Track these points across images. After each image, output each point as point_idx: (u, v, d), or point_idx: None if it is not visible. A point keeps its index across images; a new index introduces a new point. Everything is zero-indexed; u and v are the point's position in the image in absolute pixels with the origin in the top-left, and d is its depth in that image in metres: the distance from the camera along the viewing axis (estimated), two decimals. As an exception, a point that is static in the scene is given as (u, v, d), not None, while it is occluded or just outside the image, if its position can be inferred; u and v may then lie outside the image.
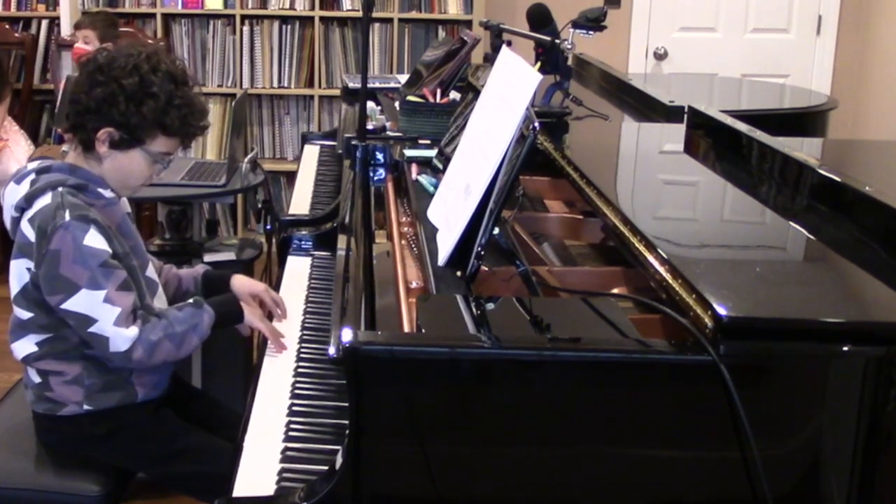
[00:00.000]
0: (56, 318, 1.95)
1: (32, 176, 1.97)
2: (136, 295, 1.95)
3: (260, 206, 2.98)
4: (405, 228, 2.08)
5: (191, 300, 2.04)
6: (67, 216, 1.88)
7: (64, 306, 1.90)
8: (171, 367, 2.13)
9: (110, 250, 1.92)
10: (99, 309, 1.89)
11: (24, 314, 1.98)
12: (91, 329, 1.90)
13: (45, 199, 1.92)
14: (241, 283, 2.22)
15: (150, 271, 2.09)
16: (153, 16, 5.14)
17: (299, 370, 1.92)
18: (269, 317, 2.16)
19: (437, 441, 1.35)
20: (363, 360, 1.33)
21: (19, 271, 1.96)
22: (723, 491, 1.37)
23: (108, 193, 2.00)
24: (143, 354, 1.92)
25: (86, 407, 2.01)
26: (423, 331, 1.44)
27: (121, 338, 1.90)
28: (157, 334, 1.93)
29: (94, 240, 1.89)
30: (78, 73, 2.01)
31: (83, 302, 1.89)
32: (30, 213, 1.93)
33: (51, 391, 2.01)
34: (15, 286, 1.98)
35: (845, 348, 1.32)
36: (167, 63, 1.98)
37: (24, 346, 2.00)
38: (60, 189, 1.93)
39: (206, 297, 2.20)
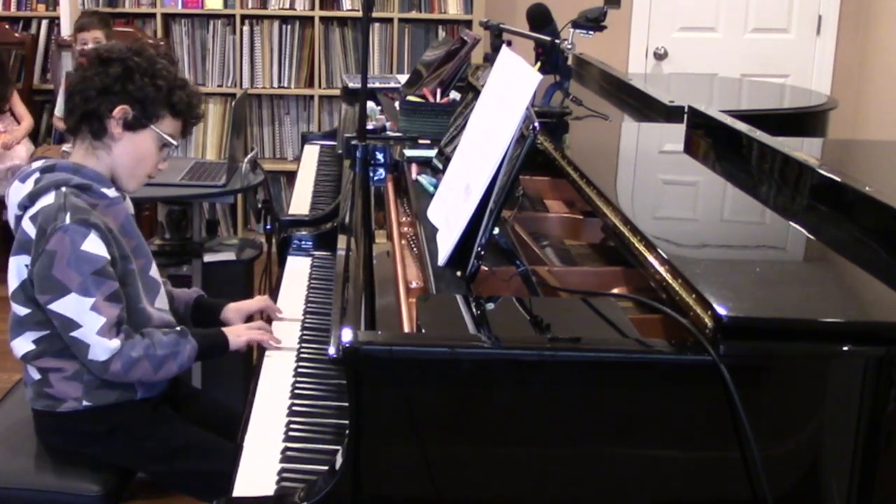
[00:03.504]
0: None
1: (37, 174, 1.98)
2: (124, 307, 1.96)
3: (260, 206, 2.98)
4: (405, 228, 2.08)
5: (177, 328, 2.06)
6: (68, 219, 1.89)
7: (51, 307, 1.91)
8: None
9: (108, 256, 1.92)
10: (85, 315, 1.89)
11: (22, 310, 1.99)
12: (73, 333, 1.91)
13: (48, 199, 1.93)
14: (232, 312, 2.23)
15: (154, 271, 2.10)
16: (153, 16, 5.14)
17: (299, 370, 1.92)
18: (269, 321, 2.17)
19: (437, 441, 1.35)
20: (363, 360, 1.33)
21: (18, 267, 1.97)
22: (723, 491, 1.37)
23: (111, 193, 2.01)
24: (121, 368, 1.93)
25: (85, 403, 2.01)
26: (423, 331, 1.44)
27: (101, 347, 1.91)
28: (137, 352, 1.94)
29: (93, 245, 1.90)
30: (80, 67, 2.04)
31: (70, 306, 1.89)
32: (32, 211, 1.94)
33: (50, 387, 2.01)
34: (13, 282, 1.98)
35: (845, 348, 1.32)
36: (164, 50, 2.07)
37: (22, 345, 2.01)
38: (64, 189, 1.93)
39: (195, 321, 2.22)
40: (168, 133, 2.04)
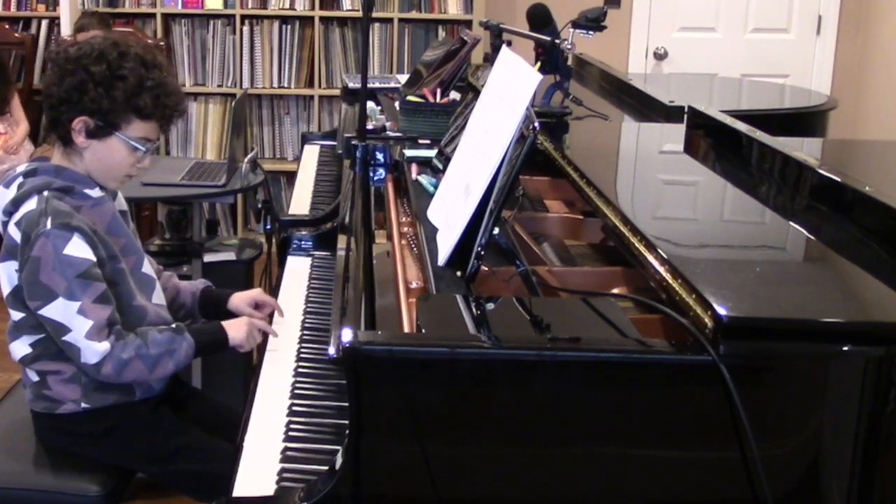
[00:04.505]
0: None
1: (20, 179, 1.97)
2: (114, 308, 1.94)
3: (260, 206, 2.98)
4: (405, 228, 2.08)
5: (173, 325, 2.03)
6: (49, 224, 1.87)
7: (41, 312, 1.90)
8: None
9: (94, 258, 1.91)
10: (73, 319, 1.89)
11: (17, 315, 1.99)
12: (65, 337, 1.90)
13: (31, 204, 1.92)
14: (239, 299, 2.22)
15: (146, 268, 2.08)
16: (153, 16, 5.14)
17: (299, 370, 1.92)
18: (271, 315, 2.18)
19: (436, 441, 1.35)
20: (363, 360, 1.33)
21: (9, 273, 1.96)
22: (723, 491, 1.37)
23: (94, 193, 1.99)
24: (112, 371, 1.92)
25: (84, 405, 2.01)
26: (423, 331, 1.44)
27: (91, 351, 1.90)
28: (128, 353, 1.92)
29: (76, 248, 1.88)
30: (49, 69, 2.01)
31: (59, 310, 1.89)
32: (16, 217, 1.93)
33: (49, 389, 2.01)
34: (6, 288, 1.98)
35: (845, 348, 1.32)
36: (136, 48, 1.99)
37: (20, 348, 2.01)
38: (46, 193, 1.92)
39: (203, 312, 2.21)
40: (139, 136, 1.98)
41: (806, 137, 3.10)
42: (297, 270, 2.45)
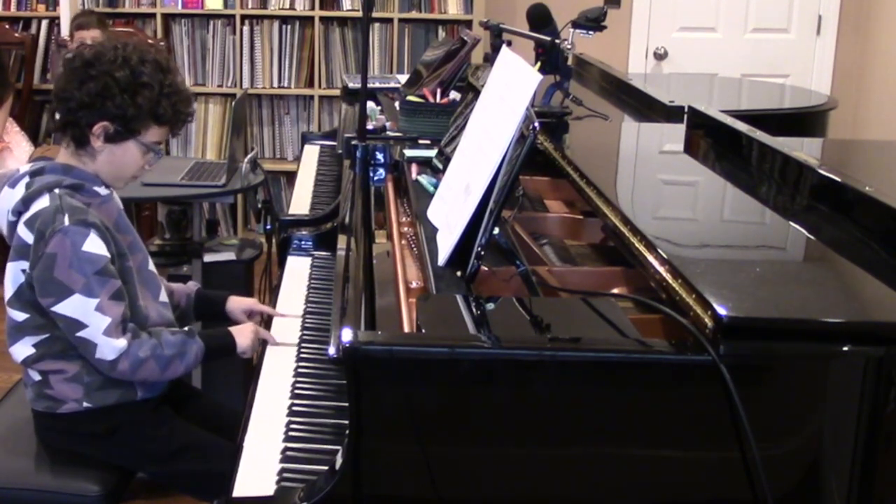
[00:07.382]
0: (51, 319, 1.95)
1: (27, 179, 1.97)
2: (127, 304, 1.95)
3: (260, 206, 2.98)
4: (405, 228, 2.08)
5: (185, 328, 2.05)
6: (67, 221, 1.88)
7: (55, 309, 1.90)
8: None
9: (109, 255, 1.92)
10: (90, 316, 1.89)
11: (20, 316, 1.98)
12: (80, 333, 1.91)
13: (43, 202, 1.92)
14: (235, 303, 2.25)
15: (151, 266, 2.10)
16: (153, 16, 5.14)
17: (299, 370, 1.92)
18: (269, 322, 2.18)
19: (437, 441, 1.35)
20: (363, 360, 1.33)
21: (15, 273, 1.96)
22: (723, 491, 1.37)
23: (102, 191, 2.00)
24: (128, 368, 1.93)
25: (85, 405, 2.01)
26: (423, 331, 1.44)
27: (109, 347, 1.91)
28: (145, 351, 1.94)
29: (93, 245, 1.89)
30: (63, 70, 1.99)
31: (75, 307, 1.89)
32: (27, 216, 1.93)
33: (50, 388, 2.01)
34: (9, 289, 1.98)
35: (845, 348, 1.32)
36: (153, 53, 2.00)
37: (22, 350, 2.00)
38: (57, 191, 1.92)
39: (198, 314, 2.23)
40: (153, 140, 2.01)
41: (806, 137, 3.10)
42: (297, 270, 2.45)
